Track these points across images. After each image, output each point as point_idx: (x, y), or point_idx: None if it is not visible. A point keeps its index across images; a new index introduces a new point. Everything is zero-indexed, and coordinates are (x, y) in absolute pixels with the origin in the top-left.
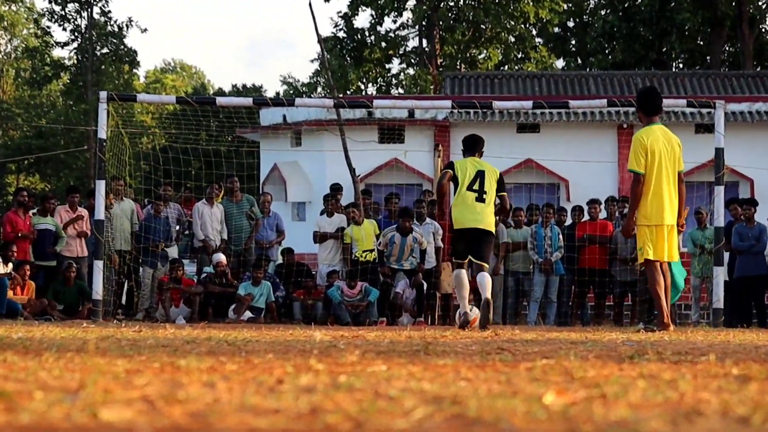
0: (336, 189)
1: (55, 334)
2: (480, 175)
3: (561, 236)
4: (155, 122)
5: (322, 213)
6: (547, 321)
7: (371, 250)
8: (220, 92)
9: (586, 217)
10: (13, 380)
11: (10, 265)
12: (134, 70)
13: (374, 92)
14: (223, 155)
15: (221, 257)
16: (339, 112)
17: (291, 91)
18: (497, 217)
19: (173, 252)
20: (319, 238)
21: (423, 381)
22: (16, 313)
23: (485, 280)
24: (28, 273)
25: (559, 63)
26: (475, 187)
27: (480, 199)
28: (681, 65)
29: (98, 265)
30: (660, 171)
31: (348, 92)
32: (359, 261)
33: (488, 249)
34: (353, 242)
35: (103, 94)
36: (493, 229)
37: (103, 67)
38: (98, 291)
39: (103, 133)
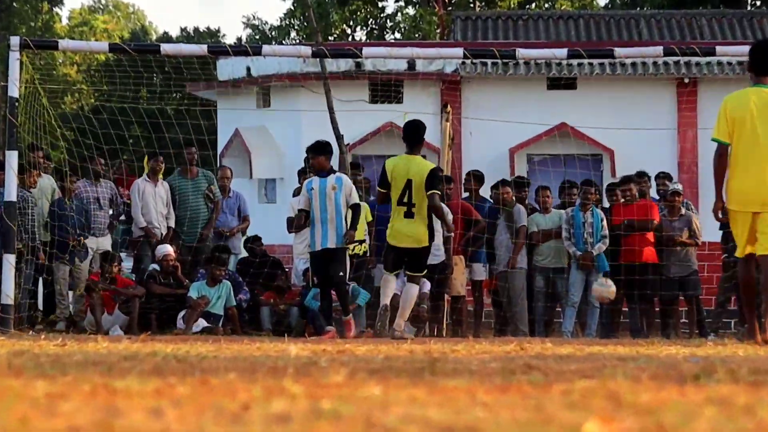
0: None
1: None
2: (408, 187)
3: (604, 222)
4: (82, 77)
5: (297, 193)
6: (587, 331)
7: (361, 241)
8: (166, 38)
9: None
10: None
11: None
12: (55, 9)
13: (364, 38)
14: (171, 117)
15: (168, 249)
16: (323, 63)
17: (257, 37)
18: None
19: (105, 243)
20: (295, 225)
21: (428, 407)
22: None
23: (411, 293)
24: None
25: (602, 0)
26: (405, 200)
27: (409, 214)
28: (758, 3)
29: (8, 259)
30: (752, 142)
31: (330, 38)
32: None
33: (424, 261)
34: None
35: (14, 40)
36: (426, 243)
37: (15, 4)
38: (8, 293)
39: (15, 91)
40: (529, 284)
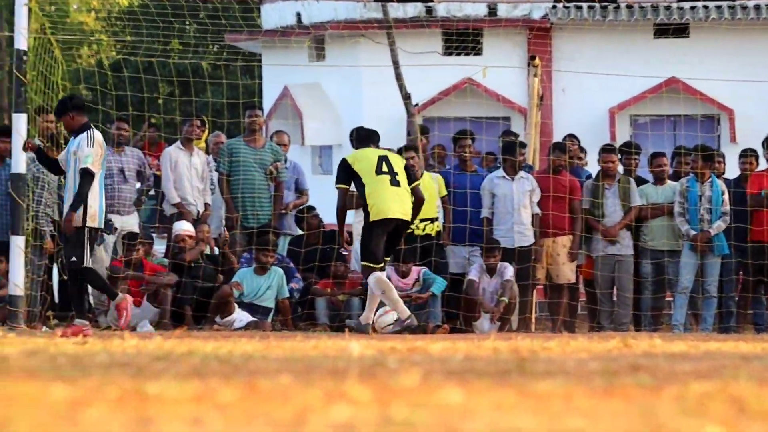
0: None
1: None
2: (383, 159)
3: (725, 195)
4: (101, 25)
5: None
6: (702, 325)
7: (433, 219)
8: None
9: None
10: None
11: None
12: None
13: None
14: (206, 74)
15: (184, 227)
16: (386, 9)
17: None
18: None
19: (131, 223)
20: (356, 201)
21: (517, 414)
22: None
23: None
24: None
25: None
26: (384, 169)
27: (395, 182)
28: None
29: (17, 242)
30: None
31: None
32: (415, 235)
33: (399, 242)
34: None
35: None
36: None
37: None
38: (17, 282)
39: (22, 42)
40: (634, 270)
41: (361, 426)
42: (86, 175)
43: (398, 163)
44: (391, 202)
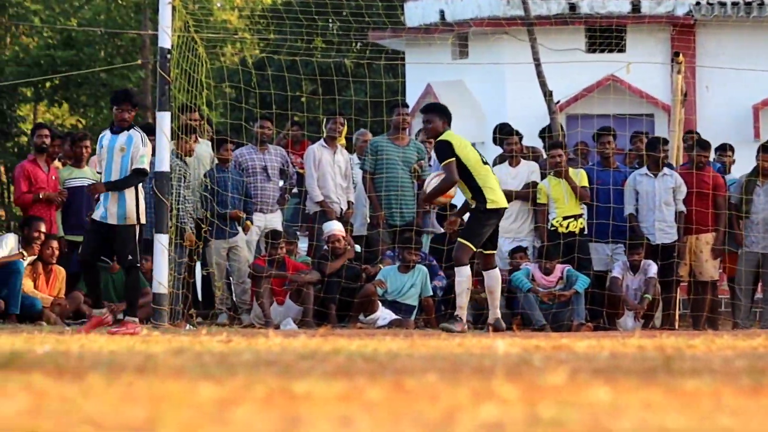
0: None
1: (100, 347)
2: (477, 150)
3: None
4: (245, 24)
5: (500, 160)
6: None
7: (577, 216)
8: None
9: None
10: (46, 414)
11: (35, 247)
12: None
13: None
14: (349, 72)
15: (336, 227)
16: (527, 6)
17: None
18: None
19: (275, 220)
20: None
21: (666, 413)
22: (38, 314)
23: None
24: (56, 254)
25: None
26: (485, 160)
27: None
28: None
29: (161, 241)
30: None
31: None
32: (559, 232)
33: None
34: (551, 203)
35: None
36: None
37: None
38: (162, 281)
39: (166, 41)
40: None
41: (509, 425)
42: (140, 175)
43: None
44: (499, 191)
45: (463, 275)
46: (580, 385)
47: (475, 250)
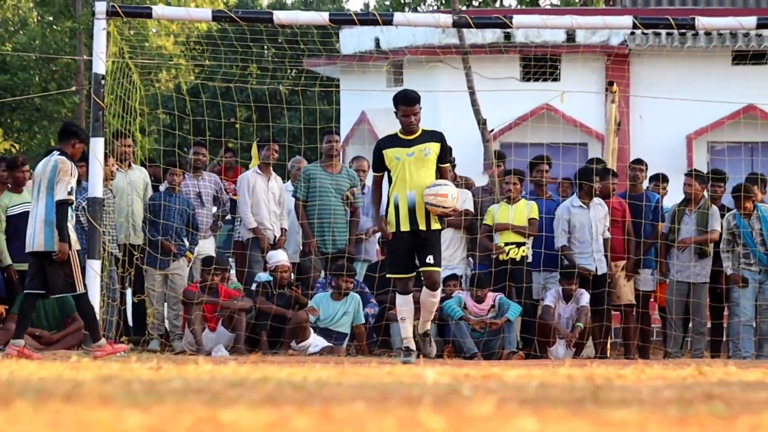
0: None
1: (29, 373)
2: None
3: None
4: (180, 50)
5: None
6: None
7: (519, 244)
8: (280, 4)
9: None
10: None
11: None
12: None
13: (514, 5)
14: (284, 99)
15: (282, 257)
16: (461, 35)
17: (387, 3)
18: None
19: (208, 247)
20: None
21: None
22: None
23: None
24: None
25: None
26: None
27: None
28: None
29: (93, 266)
30: None
31: (474, 4)
32: (500, 259)
33: None
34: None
35: (100, 6)
36: None
37: None
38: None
39: (100, 66)
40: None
41: None
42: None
43: None
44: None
45: (400, 303)
46: (507, 416)
47: (397, 277)
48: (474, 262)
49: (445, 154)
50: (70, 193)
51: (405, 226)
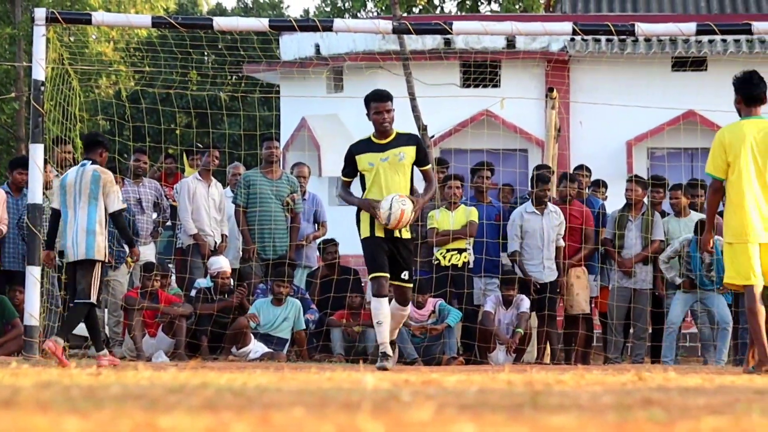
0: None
1: None
2: None
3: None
4: (120, 56)
5: None
6: (717, 357)
7: (461, 250)
8: (220, 10)
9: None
10: None
11: None
12: None
13: (454, 11)
14: (223, 105)
15: (223, 263)
16: (402, 41)
17: (327, 9)
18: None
19: (148, 253)
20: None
21: None
22: None
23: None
24: None
25: None
26: None
27: None
28: None
29: (32, 273)
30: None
31: (414, 11)
32: (441, 265)
33: None
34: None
35: (40, 12)
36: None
37: None
38: (33, 312)
39: (40, 73)
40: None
41: None
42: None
43: None
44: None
45: (375, 307)
46: (446, 421)
47: (374, 276)
48: (415, 268)
49: (424, 157)
50: (123, 202)
51: (380, 232)
